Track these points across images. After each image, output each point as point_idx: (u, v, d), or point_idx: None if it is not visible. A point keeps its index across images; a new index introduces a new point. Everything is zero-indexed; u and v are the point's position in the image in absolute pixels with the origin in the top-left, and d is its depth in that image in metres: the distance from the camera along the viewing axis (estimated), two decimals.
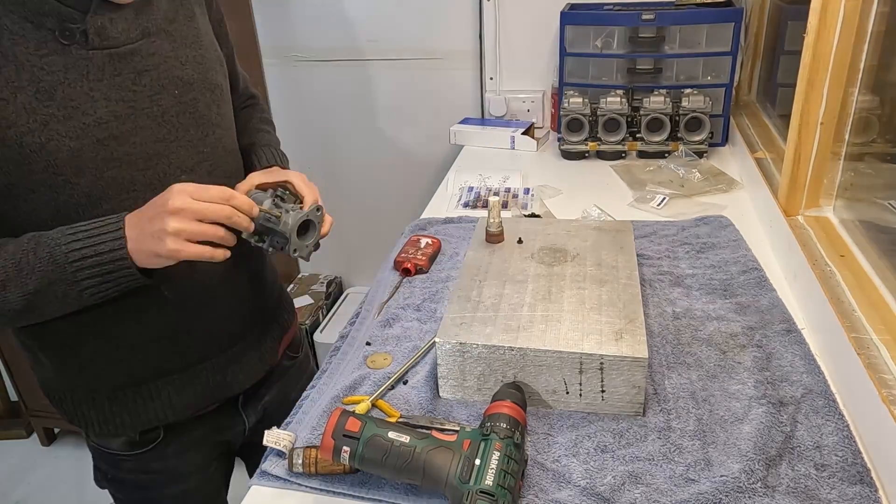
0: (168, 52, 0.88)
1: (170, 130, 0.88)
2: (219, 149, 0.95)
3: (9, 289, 0.78)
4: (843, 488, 0.69)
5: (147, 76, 0.85)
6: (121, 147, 0.83)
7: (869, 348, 0.80)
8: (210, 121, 0.93)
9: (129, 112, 0.84)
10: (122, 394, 0.95)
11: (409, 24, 1.95)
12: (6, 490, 2.17)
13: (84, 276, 0.79)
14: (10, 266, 0.78)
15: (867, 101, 1.04)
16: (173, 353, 0.94)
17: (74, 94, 0.79)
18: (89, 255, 0.78)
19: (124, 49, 0.83)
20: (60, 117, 0.78)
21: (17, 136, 0.76)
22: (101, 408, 0.96)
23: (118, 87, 0.83)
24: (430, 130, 2.05)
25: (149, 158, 0.86)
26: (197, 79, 0.92)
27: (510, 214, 1.37)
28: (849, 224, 1.06)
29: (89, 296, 0.80)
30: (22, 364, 2.19)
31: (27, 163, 0.78)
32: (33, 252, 0.78)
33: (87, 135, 0.80)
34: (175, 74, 0.88)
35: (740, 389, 0.83)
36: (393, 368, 0.90)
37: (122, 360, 0.93)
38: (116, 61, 0.82)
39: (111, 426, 0.97)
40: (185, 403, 0.96)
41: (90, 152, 0.81)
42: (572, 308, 0.87)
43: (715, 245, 1.17)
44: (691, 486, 0.70)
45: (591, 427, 0.79)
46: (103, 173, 0.82)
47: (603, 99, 1.63)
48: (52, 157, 0.78)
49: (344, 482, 0.74)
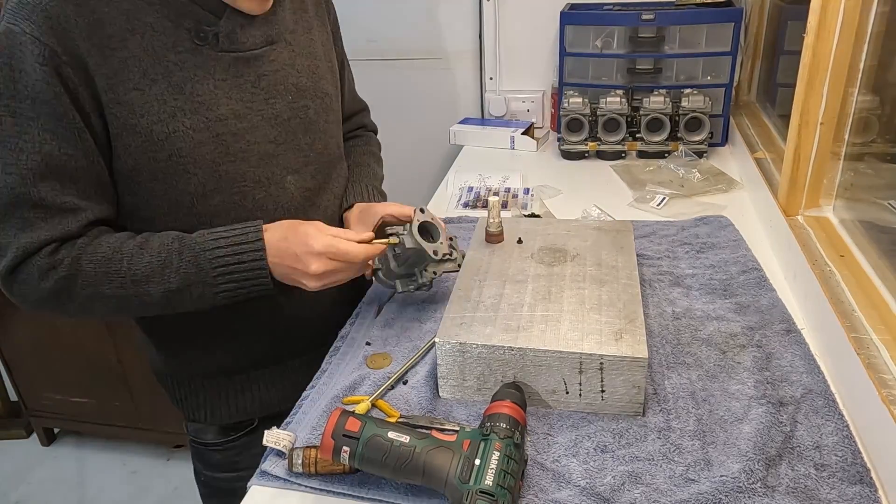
0: (286, 60, 0.94)
1: (280, 133, 0.94)
2: (324, 154, 1.01)
3: (152, 283, 0.84)
4: (842, 488, 0.69)
5: (265, 80, 0.91)
6: (236, 144, 0.89)
7: (869, 348, 0.80)
8: (318, 127, 0.99)
9: (247, 112, 0.90)
10: (216, 382, 1.01)
11: (409, 25, 1.95)
12: (6, 490, 2.17)
13: (223, 282, 0.85)
14: (155, 262, 0.84)
15: (867, 102, 1.04)
16: (270, 345, 0.99)
17: (201, 91, 0.85)
18: (231, 262, 0.85)
19: (249, 54, 0.89)
20: (187, 110, 0.84)
21: (148, 125, 0.82)
22: (196, 393, 1.02)
23: (239, 88, 0.89)
24: (429, 130, 2.05)
25: (260, 157, 0.91)
26: (309, 87, 0.98)
27: (510, 214, 1.37)
28: (849, 224, 1.06)
29: (222, 299, 0.87)
30: (22, 364, 2.19)
31: (153, 150, 0.83)
32: (178, 253, 0.84)
33: (208, 129, 0.86)
34: (290, 81, 0.95)
35: (740, 389, 0.83)
36: (393, 368, 0.90)
37: (221, 350, 0.98)
38: (241, 64, 0.89)
39: (203, 412, 1.04)
40: (275, 398, 0.99)
41: (209, 146, 0.86)
42: (572, 308, 0.87)
43: (715, 245, 1.17)
44: (691, 486, 0.70)
45: (590, 427, 0.79)
46: (219, 167, 0.88)
47: (603, 99, 1.63)
48: (175, 147, 0.84)
49: (344, 482, 0.74)
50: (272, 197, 0.93)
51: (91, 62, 0.78)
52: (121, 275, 0.83)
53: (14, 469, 2.26)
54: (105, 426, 2.22)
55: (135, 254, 0.84)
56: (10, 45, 0.76)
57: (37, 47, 0.75)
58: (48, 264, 0.81)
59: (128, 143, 0.83)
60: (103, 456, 2.29)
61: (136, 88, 0.81)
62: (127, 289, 0.83)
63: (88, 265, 0.82)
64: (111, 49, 0.79)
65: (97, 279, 0.82)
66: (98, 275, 0.82)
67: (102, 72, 0.79)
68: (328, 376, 0.92)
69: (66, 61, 0.77)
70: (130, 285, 0.83)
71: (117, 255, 0.83)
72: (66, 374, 2.14)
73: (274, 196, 0.93)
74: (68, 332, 2.06)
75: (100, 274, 0.82)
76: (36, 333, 2.09)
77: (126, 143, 0.83)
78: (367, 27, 1.98)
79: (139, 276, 0.83)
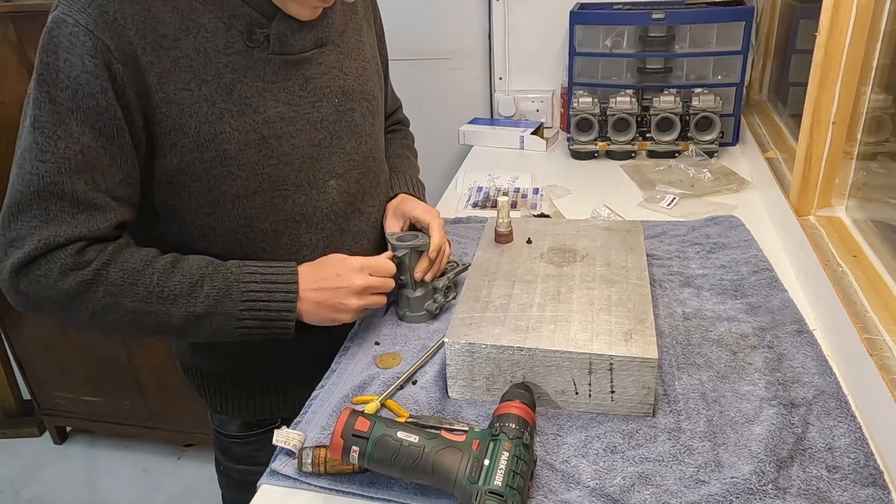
0: (334, 62, 0.94)
1: (325, 136, 0.93)
2: (369, 158, 1.01)
3: (178, 304, 0.82)
4: (855, 490, 0.69)
5: (312, 83, 0.91)
6: (281, 147, 0.88)
7: (882, 349, 0.79)
8: (364, 131, 0.99)
9: (293, 115, 0.89)
10: (242, 380, 1.02)
11: (418, 25, 1.95)
12: (18, 488, 2.19)
13: (248, 317, 0.84)
14: (185, 283, 0.82)
15: (880, 100, 1.03)
16: (298, 350, 0.98)
17: (249, 93, 0.85)
18: (262, 299, 0.84)
19: (299, 57, 0.89)
20: (235, 112, 0.84)
21: (196, 125, 0.82)
22: (223, 389, 1.04)
23: (286, 91, 0.88)
24: (438, 130, 2.05)
25: (304, 161, 0.91)
26: (356, 89, 0.97)
27: (519, 214, 1.37)
28: (861, 224, 1.05)
29: (239, 335, 0.86)
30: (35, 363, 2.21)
31: (199, 150, 0.83)
32: (210, 279, 0.83)
33: (254, 131, 0.86)
34: (337, 84, 0.94)
35: (751, 390, 0.82)
36: (402, 368, 0.90)
37: (250, 352, 0.98)
38: (290, 67, 0.89)
39: (229, 406, 1.05)
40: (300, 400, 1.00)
41: (254, 147, 0.86)
42: (582, 308, 0.87)
43: (725, 245, 1.16)
44: (701, 487, 0.70)
45: (600, 428, 0.79)
46: (262, 169, 0.87)
47: (613, 98, 1.63)
48: (221, 148, 0.84)
49: (353, 482, 0.74)
50: (313, 201, 0.93)
51: (144, 60, 0.78)
52: (148, 289, 0.81)
53: (26, 467, 2.28)
54: (116, 425, 2.24)
55: (166, 270, 0.82)
56: (60, 34, 0.75)
57: (89, 39, 0.74)
58: (73, 263, 0.78)
59: (175, 142, 0.82)
60: (115, 454, 2.31)
61: (187, 89, 0.81)
62: (151, 305, 0.81)
63: (116, 273, 0.80)
64: (164, 48, 0.79)
65: (122, 290, 0.80)
66: (125, 286, 0.80)
67: (155, 70, 0.79)
68: (337, 376, 0.92)
69: (117, 57, 0.76)
70: (155, 301, 0.81)
71: (148, 269, 0.81)
72: (77, 373, 2.16)
73: (315, 200, 0.93)
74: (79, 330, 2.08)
75: (126, 285, 0.80)
76: (47, 332, 2.11)
77: (173, 142, 0.82)
78: None
79: (166, 294, 0.81)
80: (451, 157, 2.02)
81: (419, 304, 0.99)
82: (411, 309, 1.00)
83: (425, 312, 1.00)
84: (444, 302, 1.01)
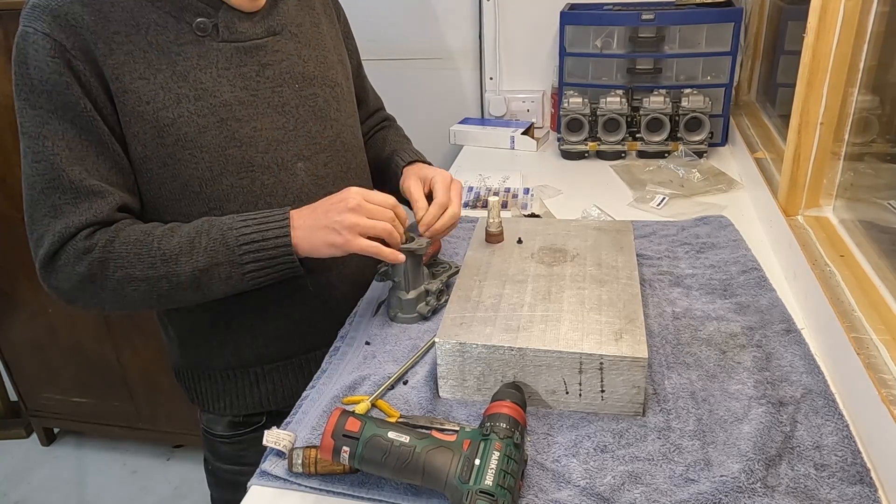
0: (292, 50, 0.98)
1: (288, 120, 0.97)
2: (336, 142, 1.03)
3: (181, 262, 0.86)
4: (842, 488, 0.69)
5: (270, 69, 0.95)
6: (241, 129, 0.92)
7: (868, 348, 0.80)
8: (328, 115, 1.02)
9: (252, 99, 0.93)
10: (231, 374, 1.04)
11: (409, 24, 1.95)
12: (6, 490, 2.17)
13: (249, 260, 0.87)
14: (184, 241, 0.87)
15: (867, 102, 1.04)
16: (285, 341, 1.01)
17: (204, 78, 0.89)
18: (257, 239, 0.87)
19: (251, 44, 0.93)
20: (191, 97, 0.88)
21: (154, 111, 0.86)
22: (212, 386, 1.05)
23: (242, 77, 0.93)
24: (429, 130, 2.04)
25: (268, 143, 0.94)
26: (317, 75, 1.01)
27: (510, 214, 1.37)
28: (849, 224, 1.06)
29: (250, 279, 0.88)
30: (22, 363, 2.19)
31: (160, 136, 0.87)
32: (206, 233, 0.87)
33: (212, 114, 0.90)
34: (297, 70, 0.98)
35: (740, 389, 0.83)
36: (392, 369, 0.90)
37: (236, 344, 1.01)
38: (243, 54, 0.93)
39: (219, 404, 1.07)
40: (288, 391, 1.02)
41: (214, 130, 0.90)
42: (572, 308, 0.87)
43: (715, 245, 1.17)
44: (691, 486, 0.70)
45: (590, 427, 0.79)
46: (224, 151, 0.91)
47: (603, 99, 1.63)
48: (181, 132, 0.88)
49: (344, 482, 0.74)
50: (282, 182, 0.96)
51: (98, 54, 0.83)
52: (151, 254, 0.85)
53: (14, 469, 2.26)
54: (105, 426, 2.22)
55: (165, 235, 0.87)
56: (26, 45, 0.82)
57: (48, 42, 0.81)
58: (84, 248, 0.84)
59: (136, 130, 0.87)
60: (103, 456, 2.29)
61: (142, 78, 0.86)
62: (157, 269, 0.86)
63: (121, 247, 0.85)
64: (117, 43, 0.85)
65: (129, 261, 0.85)
66: (130, 256, 0.85)
67: (109, 63, 0.84)
68: (328, 376, 0.92)
69: (74, 55, 0.82)
70: (160, 264, 0.86)
71: (148, 238, 0.86)
72: (65, 374, 2.14)
73: (283, 181, 0.96)
74: (67, 331, 2.06)
75: (131, 255, 0.85)
76: (35, 333, 2.10)
77: (135, 130, 0.87)
78: (367, 27, 1.97)
79: (168, 255, 0.86)
80: (441, 157, 2.02)
81: (411, 306, 0.99)
82: (403, 311, 1.00)
83: (417, 314, 1.00)
84: (437, 304, 1.01)
